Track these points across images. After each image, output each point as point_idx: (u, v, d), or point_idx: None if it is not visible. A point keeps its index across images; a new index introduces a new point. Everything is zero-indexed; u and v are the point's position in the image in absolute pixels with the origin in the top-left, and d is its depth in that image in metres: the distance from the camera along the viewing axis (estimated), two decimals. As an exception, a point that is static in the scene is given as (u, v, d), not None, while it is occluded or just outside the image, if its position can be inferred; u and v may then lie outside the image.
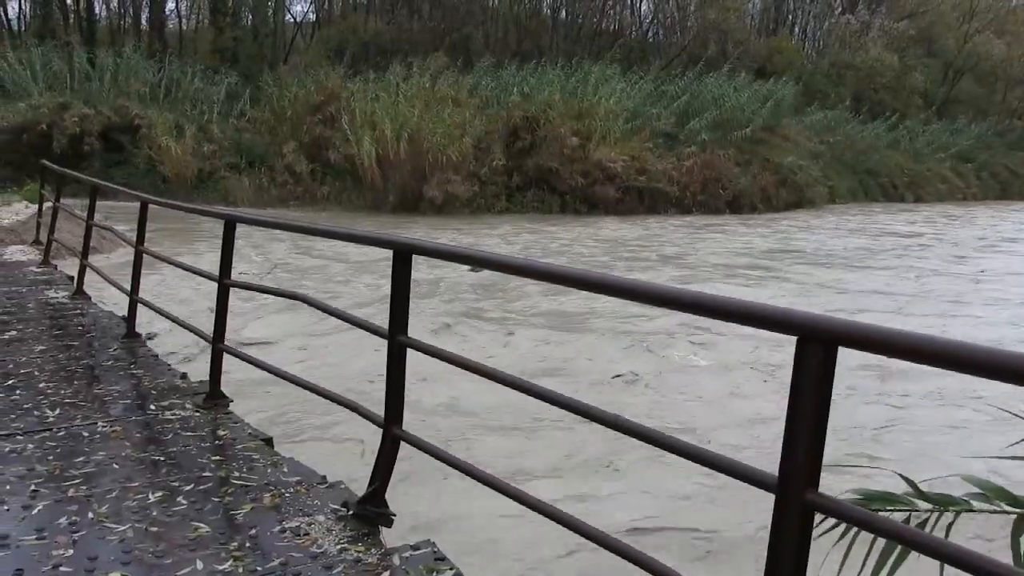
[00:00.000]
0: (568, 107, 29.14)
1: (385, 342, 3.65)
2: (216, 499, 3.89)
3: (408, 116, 26.38)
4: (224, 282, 5.16)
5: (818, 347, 1.99)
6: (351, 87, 29.18)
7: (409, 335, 3.61)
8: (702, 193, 29.14)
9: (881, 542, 2.68)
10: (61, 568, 3.23)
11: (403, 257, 3.56)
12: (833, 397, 2.00)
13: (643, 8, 46.57)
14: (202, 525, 3.61)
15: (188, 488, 3.98)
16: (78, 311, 8.09)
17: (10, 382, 5.68)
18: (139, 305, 6.99)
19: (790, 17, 51.32)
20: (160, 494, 3.91)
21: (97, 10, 37.86)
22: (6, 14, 37.90)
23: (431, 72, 29.58)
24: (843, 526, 2.71)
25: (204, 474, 4.18)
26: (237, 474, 4.18)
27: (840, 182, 37.33)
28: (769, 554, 2.10)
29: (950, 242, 23.70)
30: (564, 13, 43.65)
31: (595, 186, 27.74)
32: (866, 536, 2.42)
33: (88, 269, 8.71)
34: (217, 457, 4.42)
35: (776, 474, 2.09)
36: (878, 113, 43.72)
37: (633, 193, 28.15)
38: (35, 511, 3.73)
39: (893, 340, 1.89)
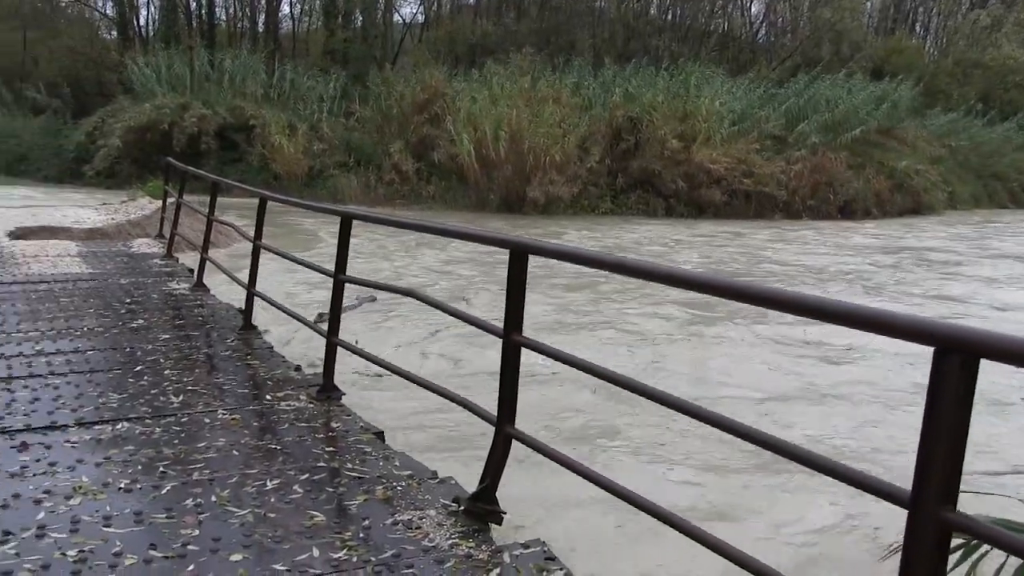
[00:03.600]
0: (671, 108, 28.83)
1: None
2: (330, 489, 4.00)
3: (508, 116, 26.45)
4: (339, 277, 5.29)
5: (958, 359, 1.91)
6: (455, 86, 29.45)
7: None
8: (812, 197, 28.52)
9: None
10: (189, 547, 3.38)
11: (519, 257, 3.60)
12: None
13: (753, 9, 45.93)
14: (317, 514, 3.72)
15: (303, 478, 4.11)
16: (198, 302, 8.39)
17: (138, 368, 5.94)
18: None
19: (911, 15, 49.73)
20: (277, 482, 4.04)
21: (217, 14, 39.15)
22: (137, 21, 39.56)
23: (532, 72, 29.60)
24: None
25: (318, 464, 4.30)
26: (350, 466, 4.28)
27: (962, 187, 36.02)
28: (901, 573, 2.04)
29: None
30: (672, 14, 43.31)
31: (700, 189, 27.41)
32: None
33: (207, 262, 9.02)
34: (330, 448, 4.54)
35: (909, 490, 2.03)
36: (1009, 114, 41.43)
37: (740, 196, 27.73)
38: (164, 491, 3.91)
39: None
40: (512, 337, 3.63)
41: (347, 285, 5.33)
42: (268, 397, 5.42)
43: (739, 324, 11.55)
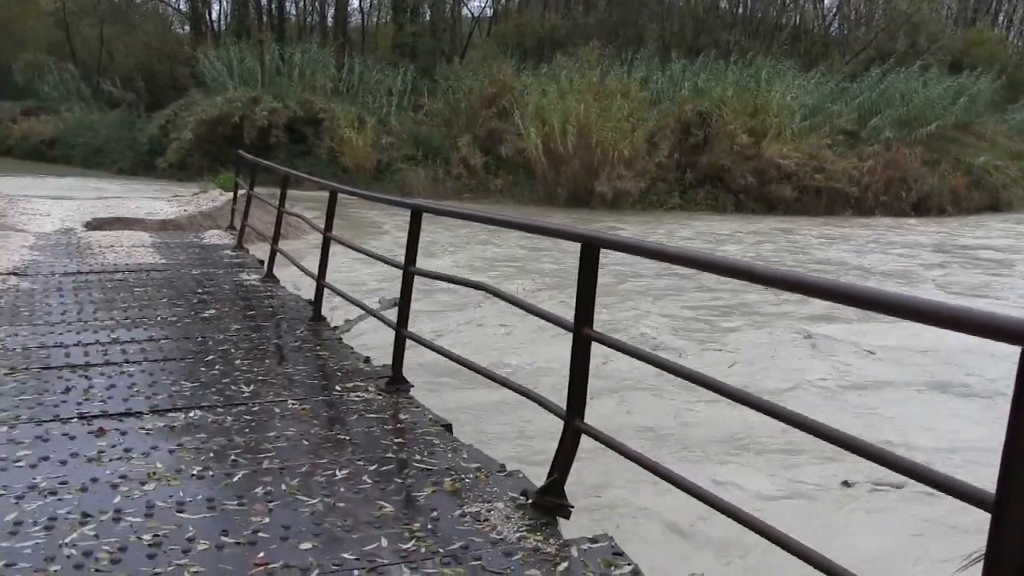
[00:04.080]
0: (741, 103, 28.45)
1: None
2: (398, 480, 4.02)
3: (576, 110, 26.33)
4: (409, 269, 5.31)
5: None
6: (523, 80, 29.42)
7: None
8: (885, 194, 27.91)
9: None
10: (259, 534, 3.42)
11: (591, 251, 3.57)
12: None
13: (827, 1, 45.12)
14: (386, 504, 3.73)
15: (372, 468, 4.13)
16: (268, 293, 8.50)
17: (210, 358, 6.04)
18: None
19: (993, 5, 48.32)
20: (346, 472, 4.07)
21: (287, 8, 39.65)
22: (209, 15, 40.29)
23: (601, 66, 29.42)
24: None
25: (387, 455, 4.32)
26: (418, 457, 4.30)
27: (1045, 184, 34.76)
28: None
29: None
30: (743, 7, 42.75)
31: (770, 185, 27.02)
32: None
33: (277, 254, 9.12)
34: (399, 440, 4.56)
35: (993, 492, 1.96)
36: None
37: (811, 193, 27.26)
38: (235, 479, 3.97)
39: None
40: (583, 331, 3.61)
41: (382, 286, 5.35)
42: (337, 388, 5.47)
43: (809, 320, 11.38)
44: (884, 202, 27.83)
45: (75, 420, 4.72)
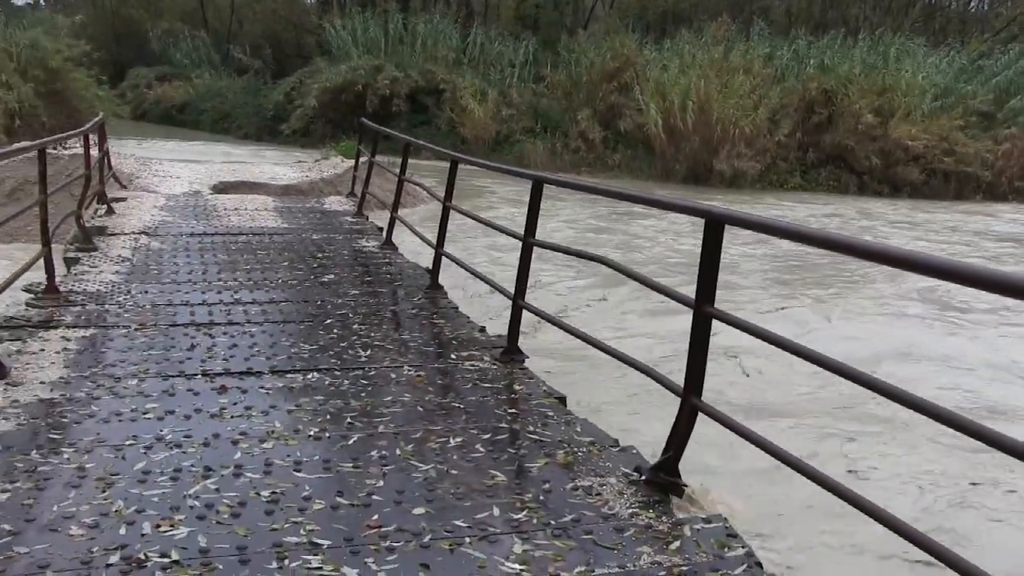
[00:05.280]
0: (869, 82, 27.47)
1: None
2: (511, 451, 4.01)
3: (697, 85, 25.86)
4: (528, 240, 5.29)
5: None
6: (646, 55, 29.03)
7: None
8: (1021, 178, 26.68)
9: None
10: (374, 497, 3.47)
11: (715, 227, 3.49)
12: None
13: (965, -23, 43.18)
14: (498, 474, 3.74)
15: (485, 437, 4.14)
16: (386, 260, 8.60)
17: (328, 321, 6.15)
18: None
19: None
20: (459, 440, 4.08)
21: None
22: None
23: (726, 42, 28.78)
24: None
25: (500, 425, 4.32)
26: (531, 429, 4.29)
27: None
28: None
29: None
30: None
31: (896, 167, 26.08)
32: None
33: (396, 221, 9.21)
34: (512, 411, 4.56)
35: None
36: None
37: (939, 176, 26.24)
38: (351, 441, 4.03)
39: None
40: (703, 308, 3.53)
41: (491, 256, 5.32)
42: (452, 356, 5.49)
43: (942, 306, 10.97)
44: (1019, 187, 26.59)
45: (199, 377, 4.87)
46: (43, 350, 5.26)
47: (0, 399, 4.39)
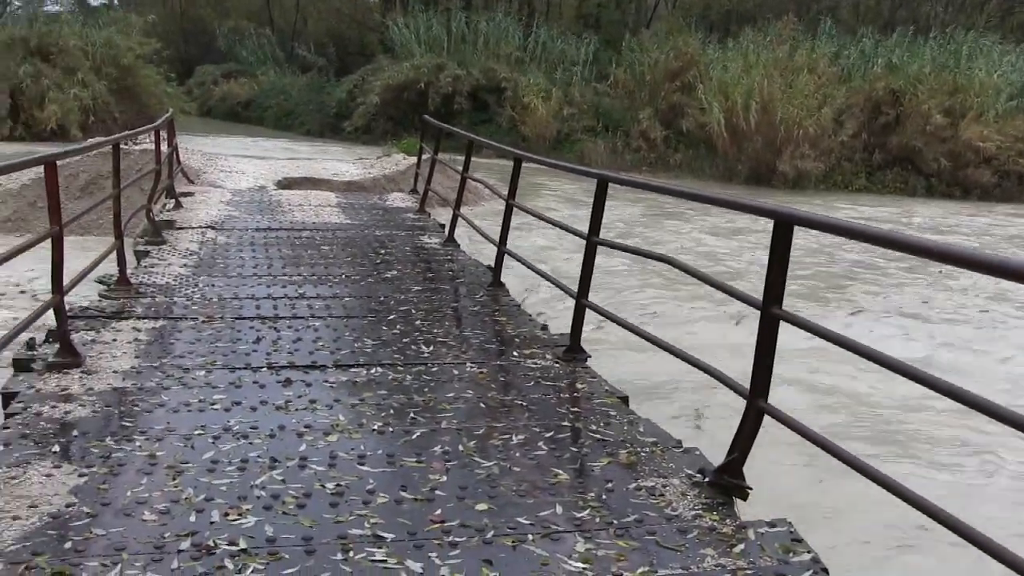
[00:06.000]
0: (939, 81, 26.88)
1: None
2: (573, 449, 4.01)
3: (760, 85, 25.55)
4: (592, 239, 5.28)
5: None
6: (709, 54, 28.77)
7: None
8: (1101, 182, 25.82)
9: None
10: (437, 491, 3.49)
11: (784, 228, 3.46)
12: None
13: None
14: (560, 472, 3.74)
15: (547, 435, 4.14)
16: (448, 257, 8.64)
17: (391, 317, 6.20)
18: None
19: None
20: (521, 438, 4.09)
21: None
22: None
23: (791, 41, 28.37)
24: None
25: (562, 424, 4.32)
26: (594, 427, 4.28)
27: None
28: None
29: None
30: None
31: (966, 169, 25.49)
32: None
33: (458, 219, 9.24)
34: (575, 409, 4.56)
35: None
36: None
37: (1012, 178, 25.58)
38: (414, 436, 4.06)
39: None
40: (771, 310, 3.50)
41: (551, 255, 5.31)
42: (515, 354, 5.51)
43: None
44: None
45: (264, 369, 4.94)
46: (115, 340, 5.38)
47: (76, 386, 4.50)
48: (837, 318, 9.96)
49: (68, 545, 2.97)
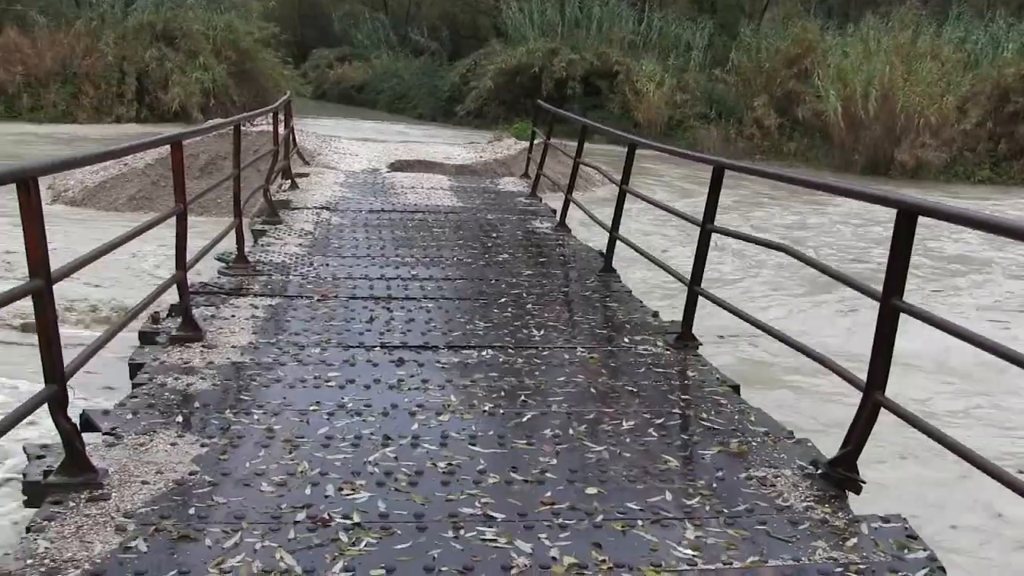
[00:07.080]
0: (1080, 65, 25.53)
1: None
2: (684, 437, 3.99)
3: (880, 72, 24.75)
4: (707, 227, 5.22)
5: None
6: (828, 40, 28.02)
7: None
8: None
9: None
10: (547, 474, 3.52)
11: (908, 217, 3.36)
12: None
13: None
14: (671, 459, 3.72)
15: (658, 422, 4.12)
16: (559, 242, 8.64)
17: (502, 300, 6.24)
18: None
19: None
20: (631, 424, 4.08)
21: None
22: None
23: (915, 26, 27.39)
24: None
25: (672, 411, 4.30)
26: (704, 416, 4.25)
27: None
28: None
29: None
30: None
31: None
32: None
33: (570, 204, 9.23)
34: (685, 397, 4.53)
35: None
36: None
37: None
38: (525, 419, 4.09)
39: None
40: (891, 301, 3.41)
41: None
42: (625, 340, 5.49)
43: None
44: None
45: (377, 348, 5.03)
46: (234, 316, 5.55)
47: (197, 360, 4.66)
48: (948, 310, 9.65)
49: (192, 511, 3.08)
